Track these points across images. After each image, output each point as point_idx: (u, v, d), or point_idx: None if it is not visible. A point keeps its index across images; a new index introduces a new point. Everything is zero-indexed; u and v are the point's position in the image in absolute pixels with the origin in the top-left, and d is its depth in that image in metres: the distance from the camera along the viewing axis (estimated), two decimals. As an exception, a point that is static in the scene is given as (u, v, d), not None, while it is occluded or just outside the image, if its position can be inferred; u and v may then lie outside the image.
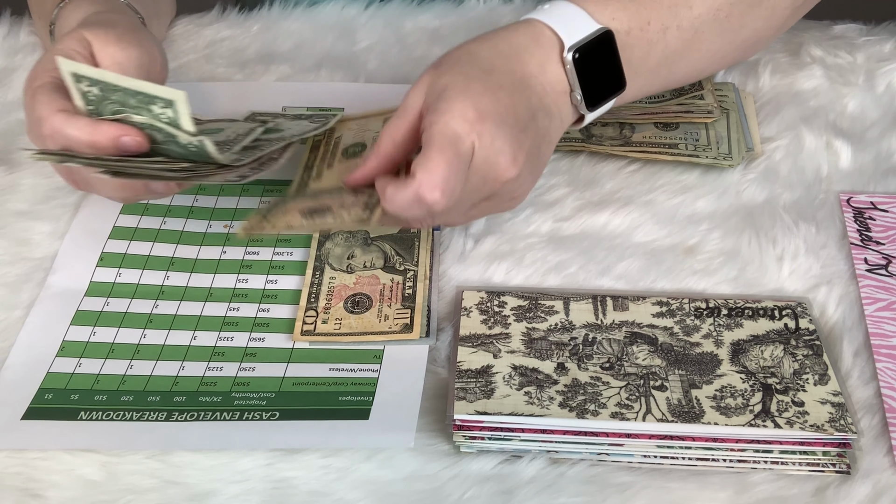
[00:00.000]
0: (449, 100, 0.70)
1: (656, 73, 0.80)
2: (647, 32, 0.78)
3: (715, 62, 0.85)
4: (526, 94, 0.74)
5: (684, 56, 0.81)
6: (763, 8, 0.82)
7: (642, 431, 0.68)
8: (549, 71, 0.75)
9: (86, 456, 0.68)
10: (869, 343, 0.74)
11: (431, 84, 0.73)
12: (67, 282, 0.80)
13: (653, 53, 0.79)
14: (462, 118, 0.70)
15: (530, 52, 0.75)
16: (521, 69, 0.74)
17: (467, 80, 0.72)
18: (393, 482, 0.67)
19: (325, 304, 0.77)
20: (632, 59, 0.78)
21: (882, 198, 0.86)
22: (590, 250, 0.82)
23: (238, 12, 1.08)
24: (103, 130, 0.72)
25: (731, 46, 0.83)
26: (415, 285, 0.78)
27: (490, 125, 0.70)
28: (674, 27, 0.78)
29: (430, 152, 0.69)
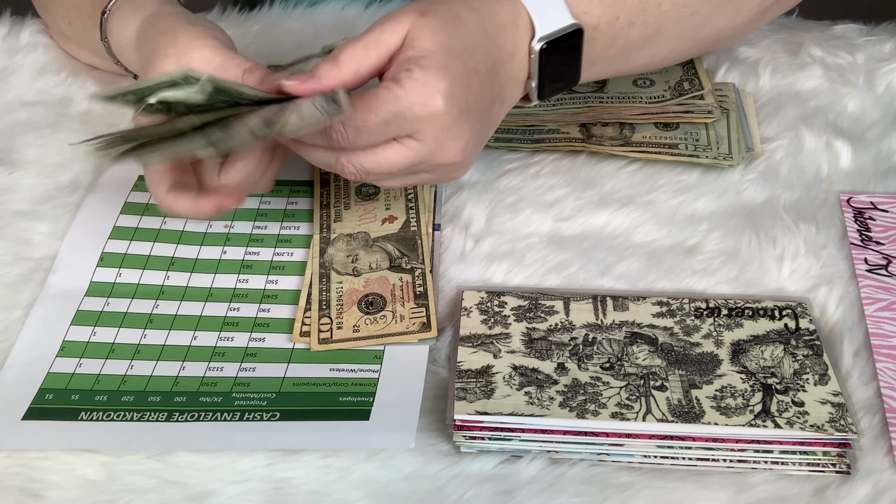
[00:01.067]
0: (426, 69, 0.70)
1: (612, 63, 0.81)
2: (614, 27, 0.78)
3: (673, 56, 0.86)
4: (493, 83, 0.74)
5: (642, 49, 0.81)
6: (729, 7, 0.82)
7: (642, 431, 0.68)
8: (516, 59, 0.75)
9: (86, 456, 0.68)
10: (869, 343, 0.74)
11: (413, 33, 0.72)
12: (68, 282, 0.80)
13: (614, 46, 0.79)
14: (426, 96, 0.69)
15: (508, 36, 0.75)
16: (496, 55, 0.74)
17: (450, 56, 0.71)
18: (393, 482, 0.67)
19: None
20: (592, 52, 0.78)
21: (882, 198, 0.86)
22: (590, 250, 0.82)
23: (238, 12, 1.07)
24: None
25: (690, 42, 0.84)
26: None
27: (455, 111, 0.70)
28: (640, 22, 0.79)
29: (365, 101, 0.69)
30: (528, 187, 0.87)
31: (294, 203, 0.86)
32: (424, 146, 0.71)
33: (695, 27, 0.82)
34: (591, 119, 0.91)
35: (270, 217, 0.85)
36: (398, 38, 0.72)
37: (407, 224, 0.82)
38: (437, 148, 0.72)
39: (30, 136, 0.93)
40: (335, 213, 0.83)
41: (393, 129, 0.70)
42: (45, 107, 0.97)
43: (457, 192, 0.87)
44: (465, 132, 0.72)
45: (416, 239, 0.81)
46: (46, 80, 0.99)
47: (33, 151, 0.92)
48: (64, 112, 0.96)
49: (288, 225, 0.85)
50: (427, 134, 0.71)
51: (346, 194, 0.85)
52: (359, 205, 0.84)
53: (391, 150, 0.71)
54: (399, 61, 0.71)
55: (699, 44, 0.85)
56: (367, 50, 0.72)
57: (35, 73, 1.00)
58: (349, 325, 0.75)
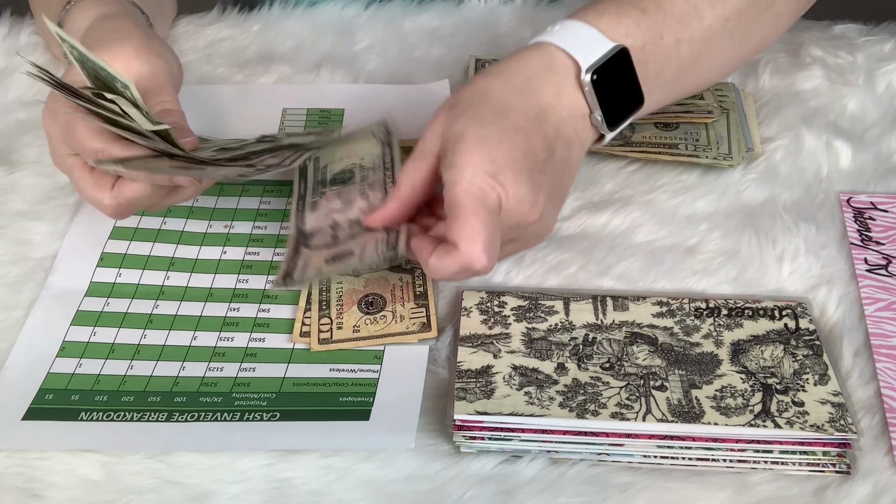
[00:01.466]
0: (466, 153, 0.70)
1: (671, 85, 0.80)
2: (661, 47, 0.77)
3: (725, 70, 0.85)
4: (542, 130, 0.73)
5: (696, 67, 0.80)
6: (769, 14, 0.82)
7: (642, 431, 0.68)
8: (565, 97, 0.74)
9: (86, 456, 0.68)
10: (869, 343, 0.74)
11: (447, 127, 0.72)
12: (67, 282, 0.80)
13: (667, 67, 0.78)
14: (483, 172, 0.69)
15: (545, 81, 0.74)
16: (536, 101, 0.73)
17: (482, 127, 0.71)
18: (393, 482, 0.67)
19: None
20: (647, 75, 0.77)
21: (882, 198, 0.86)
22: (590, 250, 0.82)
23: (238, 12, 1.08)
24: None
25: (740, 53, 0.83)
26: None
27: (509, 175, 0.70)
28: (686, 39, 0.78)
29: (465, 217, 0.68)
30: (528, 187, 0.87)
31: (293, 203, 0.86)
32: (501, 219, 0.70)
33: (740, 38, 0.81)
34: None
35: (270, 217, 0.85)
36: (437, 139, 0.73)
37: None
38: (511, 216, 0.70)
39: (30, 136, 0.93)
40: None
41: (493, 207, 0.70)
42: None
43: (457, 192, 0.87)
44: (528, 188, 0.70)
45: None
46: (46, 80, 0.99)
47: (33, 151, 0.92)
48: (64, 112, 0.96)
49: (288, 225, 0.85)
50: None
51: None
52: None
53: None
54: (445, 164, 0.71)
55: (746, 55, 0.85)
56: (416, 162, 0.74)
57: (35, 73, 1.00)
58: (349, 326, 0.75)
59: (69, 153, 0.77)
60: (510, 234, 0.72)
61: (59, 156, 0.78)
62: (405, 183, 0.74)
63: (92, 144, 0.74)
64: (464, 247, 0.68)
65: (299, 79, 1.00)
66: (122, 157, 0.73)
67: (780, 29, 0.85)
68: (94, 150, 0.74)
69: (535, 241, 0.76)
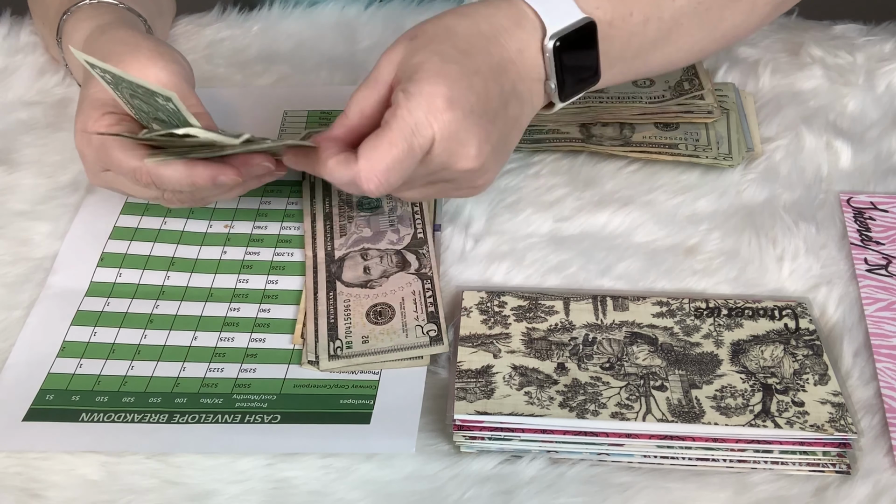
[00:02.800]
0: (419, 82, 0.69)
1: (631, 63, 0.79)
2: (629, 23, 0.76)
3: (691, 54, 0.84)
4: (500, 81, 0.72)
5: (661, 47, 0.79)
6: (744, 3, 0.81)
7: (642, 431, 0.68)
8: (527, 56, 0.73)
9: (86, 456, 0.68)
10: (869, 343, 0.74)
11: (405, 58, 0.71)
12: (68, 282, 0.80)
13: (631, 44, 0.77)
14: (428, 106, 0.68)
15: (511, 35, 0.73)
16: (499, 52, 0.72)
17: (443, 62, 0.70)
18: (393, 482, 0.67)
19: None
20: (610, 51, 0.76)
21: (882, 198, 0.86)
22: (590, 250, 0.82)
23: (238, 12, 1.08)
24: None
25: (708, 39, 0.82)
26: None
27: (459, 114, 0.69)
28: (655, 18, 0.77)
29: (381, 140, 0.68)
30: (528, 187, 0.87)
31: (294, 203, 0.86)
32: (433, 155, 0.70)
33: (711, 24, 0.80)
34: (590, 119, 0.91)
35: (270, 217, 0.85)
36: (391, 68, 0.72)
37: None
38: (449, 155, 0.70)
39: (30, 137, 0.93)
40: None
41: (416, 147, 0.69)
42: (44, 107, 0.97)
43: (457, 192, 0.87)
44: (476, 134, 0.70)
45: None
46: (46, 80, 0.99)
47: (33, 151, 0.92)
48: (64, 112, 0.96)
49: (288, 225, 0.85)
50: (438, 143, 0.69)
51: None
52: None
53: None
54: (397, 88, 0.70)
55: (716, 42, 0.83)
56: (366, 90, 0.73)
57: (35, 73, 1.00)
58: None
59: (105, 169, 0.77)
60: (444, 173, 0.71)
61: (97, 174, 0.78)
62: (353, 109, 0.73)
63: (129, 164, 0.74)
64: (361, 163, 0.68)
65: (299, 79, 1.00)
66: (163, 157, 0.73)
67: (756, 19, 0.84)
68: (131, 169, 0.74)
69: (470, 191, 0.75)
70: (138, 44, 0.79)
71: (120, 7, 0.88)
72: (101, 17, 0.85)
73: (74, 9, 0.87)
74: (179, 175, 0.73)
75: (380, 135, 0.68)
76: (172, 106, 0.69)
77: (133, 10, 0.89)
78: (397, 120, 0.68)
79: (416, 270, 0.79)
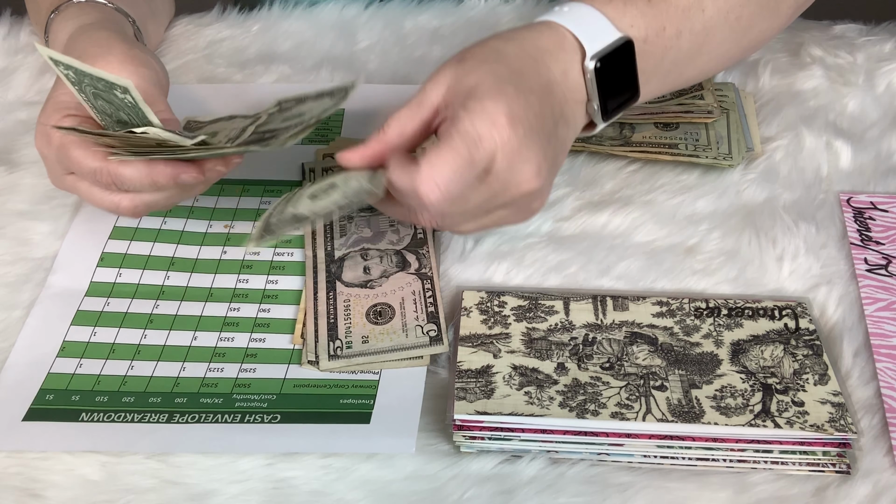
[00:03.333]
0: (480, 99, 0.68)
1: (667, 76, 0.79)
2: (663, 38, 0.77)
3: (723, 63, 0.84)
4: (551, 102, 0.72)
5: (694, 59, 0.80)
6: (769, 9, 0.82)
7: (642, 431, 0.68)
8: (570, 78, 0.73)
9: (86, 456, 0.68)
10: (869, 343, 0.74)
11: (456, 80, 0.71)
12: (68, 282, 0.80)
13: (666, 58, 0.78)
14: (490, 121, 0.68)
15: (556, 58, 0.73)
16: (547, 74, 0.72)
17: (499, 81, 0.70)
18: (393, 482, 0.67)
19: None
20: (646, 67, 0.76)
21: (882, 198, 0.86)
22: (590, 250, 0.82)
23: (238, 12, 1.08)
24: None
25: (738, 47, 0.83)
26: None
27: (521, 131, 0.68)
28: (686, 31, 0.77)
29: (443, 149, 0.67)
30: (528, 187, 0.87)
31: (294, 203, 0.86)
32: (494, 175, 0.69)
33: (741, 31, 0.81)
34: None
35: (270, 217, 0.85)
36: (439, 90, 0.71)
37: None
38: (511, 175, 0.69)
39: (30, 136, 0.93)
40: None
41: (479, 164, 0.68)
42: (45, 107, 0.97)
43: (457, 192, 0.87)
44: (536, 153, 0.69)
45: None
46: (46, 80, 0.99)
47: (33, 151, 0.92)
48: (64, 112, 0.96)
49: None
50: (499, 161, 0.69)
51: None
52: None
53: None
54: (451, 106, 0.70)
55: (745, 49, 0.84)
56: (409, 110, 0.72)
57: (35, 73, 1.00)
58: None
59: (67, 172, 0.76)
60: (504, 196, 0.71)
61: (58, 177, 0.78)
62: (394, 128, 0.72)
63: (89, 164, 0.73)
64: (423, 168, 0.67)
65: (299, 79, 1.00)
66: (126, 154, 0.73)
67: (781, 23, 0.84)
68: (91, 169, 0.73)
69: (526, 214, 0.74)
70: (111, 46, 0.79)
71: (108, 7, 0.88)
72: (86, 16, 0.85)
73: (63, 7, 0.87)
74: (140, 174, 0.73)
75: (441, 145, 0.67)
76: (130, 99, 0.70)
77: (121, 10, 0.88)
78: (460, 132, 0.67)
79: (416, 270, 0.79)
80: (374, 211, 0.83)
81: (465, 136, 0.67)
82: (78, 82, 0.72)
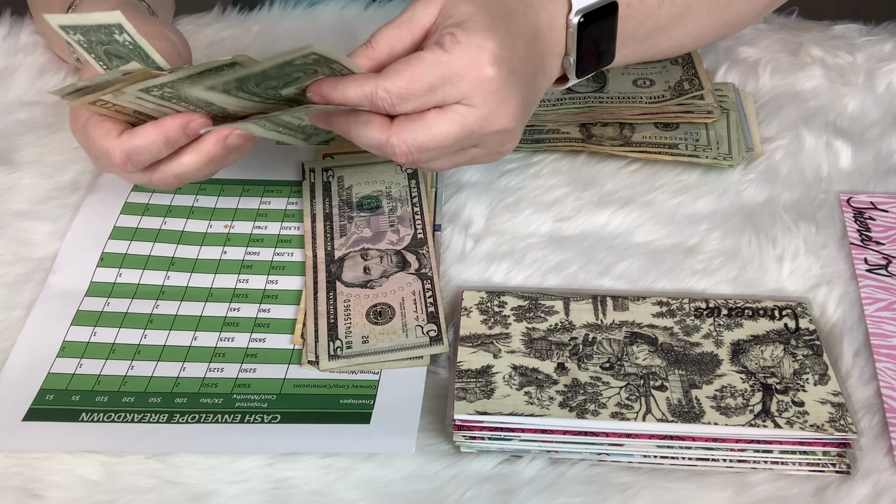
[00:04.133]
0: (470, 32, 0.68)
1: (641, 44, 0.80)
2: (645, 5, 0.78)
3: (697, 40, 0.85)
4: (535, 49, 0.73)
5: (670, 30, 0.81)
6: None
7: (642, 431, 0.68)
8: (554, 30, 0.74)
9: (86, 456, 0.68)
10: (869, 343, 0.74)
11: (447, 6, 0.71)
12: (68, 282, 0.80)
13: (644, 25, 0.79)
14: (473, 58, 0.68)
15: (544, 6, 0.74)
16: (535, 21, 0.73)
17: (492, 18, 0.70)
18: (393, 482, 0.67)
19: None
20: (624, 30, 0.77)
21: (882, 198, 0.86)
22: (590, 250, 0.82)
23: (238, 12, 1.08)
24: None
25: (714, 25, 0.84)
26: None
27: (504, 71, 0.69)
28: (668, 2, 0.78)
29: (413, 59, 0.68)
30: (528, 187, 0.87)
31: (294, 203, 0.86)
32: (475, 111, 0.69)
33: (719, 8, 0.82)
34: (591, 119, 0.91)
35: (270, 217, 0.85)
36: (431, 13, 0.71)
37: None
38: (489, 112, 0.69)
39: (30, 136, 0.93)
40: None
41: (439, 95, 0.68)
42: (44, 107, 0.97)
43: (457, 192, 0.87)
44: (515, 95, 0.70)
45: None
46: (46, 80, 0.99)
47: (33, 151, 0.92)
48: (64, 112, 0.96)
49: (288, 225, 0.85)
50: (477, 98, 0.69)
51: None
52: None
53: (443, 121, 0.69)
54: (440, 29, 0.70)
55: (720, 28, 0.85)
56: (400, 29, 0.71)
57: (35, 73, 1.00)
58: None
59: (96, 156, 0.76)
60: (480, 134, 0.70)
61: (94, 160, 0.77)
62: (383, 46, 0.71)
63: (103, 144, 0.73)
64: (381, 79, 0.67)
65: (299, 79, 1.00)
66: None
67: (757, 8, 0.85)
68: (105, 150, 0.73)
69: (495, 155, 0.74)
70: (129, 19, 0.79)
71: None
72: (103, 5, 0.85)
73: (79, 2, 0.87)
74: (152, 136, 0.71)
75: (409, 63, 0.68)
76: (129, 38, 0.69)
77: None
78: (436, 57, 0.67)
79: (416, 270, 0.79)
80: (374, 211, 0.83)
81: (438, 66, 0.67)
82: (89, 46, 0.71)
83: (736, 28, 0.87)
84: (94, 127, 0.74)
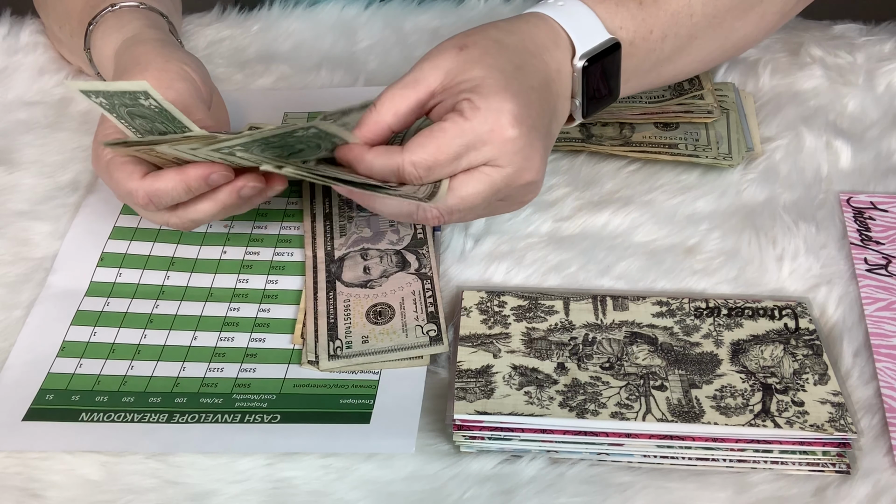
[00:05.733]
0: (488, 97, 0.69)
1: (645, 76, 0.81)
2: (649, 42, 0.78)
3: (703, 65, 0.85)
4: (548, 98, 0.73)
5: (675, 61, 0.81)
6: (754, 14, 0.82)
7: (642, 431, 0.68)
8: (562, 75, 0.75)
9: (86, 456, 0.68)
10: (869, 343, 0.74)
11: (457, 68, 0.71)
12: (68, 282, 0.80)
13: (648, 60, 0.79)
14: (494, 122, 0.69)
15: (551, 54, 0.74)
16: (545, 71, 0.74)
17: (505, 78, 0.70)
18: (393, 482, 0.67)
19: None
20: (628, 67, 0.78)
21: (882, 198, 0.86)
22: (590, 250, 0.82)
23: (238, 12, 1.08)
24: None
25: (720, 51, 0.84)
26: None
27: (524, 129, 0.69)
28: (672, 35, 0.78)
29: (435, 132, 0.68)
30: (528, 187, 0.87)
31: (294, 203, 0.86)
32: (502, 171, 0.70)
33: (724, 36, 0.81)
34: (590, 119, 0.91)
35: (270, 217, 0.85)
36: (438, 74, 0.72)
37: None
38: (515, 171, 0.70)
39: (30, 136, 0.93)
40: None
41: (465, 161, 0.70)
42: (44, 107, 0.97)
43: (457, 192, 0.87)
44: (538, 149, 0.71)
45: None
46: (46, 80, 0.99)
47: (33, 151, 0.92)
48: (64, 112, 0.96)
49: (288, 225, 0.85)
50: (503, 159, 0.70)
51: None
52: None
53: (471, 182, 0.70)
54: (453, 95, 0.70)
55: (726, 52, 0.85)
56: (405, 90, 0.72)
57: (35, 73, 1.00)
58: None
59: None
60: (507, 189, 0.71)
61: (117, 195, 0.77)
62: (387, 108, 0.72)
63: (125, 185, 0.74)
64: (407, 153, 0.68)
65: (299, 79, 1.00)
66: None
67: (765, 29, 0.85)
68: (128, 191, 0.74)
69: (517, 205, 0.75)
70: (148, 62, 0.78)
71: (141, 8, 0.87)
72: (124, 27, 0.84)
73: (99, 19, 0.86)
74: (173, 182, 0.72)
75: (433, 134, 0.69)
76: (155, 103, 0.69)
77: (154, 8, 0.88)
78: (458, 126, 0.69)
79: (416, 270, 0.79)
80: None
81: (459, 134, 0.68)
82: (111, 107, 0.72)
83: (743, 49, 0.87)
84: (116, 168, 0.75)
